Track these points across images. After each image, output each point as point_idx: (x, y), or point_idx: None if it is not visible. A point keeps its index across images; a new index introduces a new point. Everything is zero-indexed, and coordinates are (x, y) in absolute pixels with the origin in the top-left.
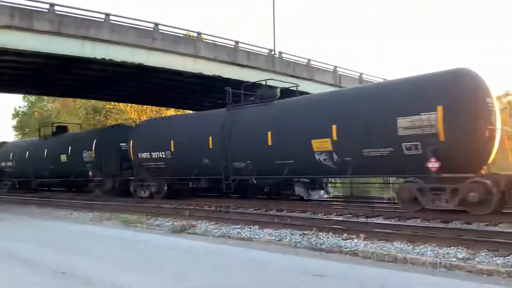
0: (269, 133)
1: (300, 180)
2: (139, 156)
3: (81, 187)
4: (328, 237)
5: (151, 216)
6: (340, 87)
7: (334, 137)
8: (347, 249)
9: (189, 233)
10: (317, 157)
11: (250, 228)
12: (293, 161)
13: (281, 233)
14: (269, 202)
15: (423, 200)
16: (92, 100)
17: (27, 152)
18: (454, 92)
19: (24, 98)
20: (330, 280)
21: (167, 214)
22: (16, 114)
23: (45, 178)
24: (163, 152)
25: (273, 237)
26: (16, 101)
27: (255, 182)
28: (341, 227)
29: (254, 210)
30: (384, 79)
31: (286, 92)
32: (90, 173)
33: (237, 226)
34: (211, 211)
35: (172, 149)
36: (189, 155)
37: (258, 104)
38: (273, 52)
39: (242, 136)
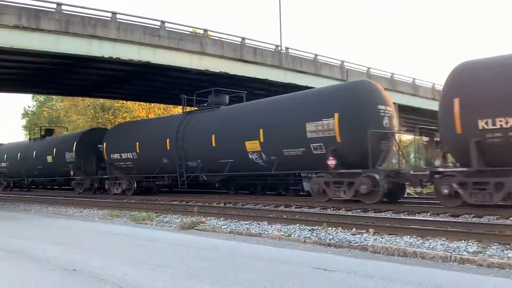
0: (213, 136)
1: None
2: (111, 156)
3: (65, 185)
4: (337, 232)
5: (160, 213)
6: (347, 81)
7: (261, 139)
8: (356, 244)
9: (198, 229)
10: (250, 156)
11: (259, 224)
12: (232, 160)
13: (290, 229)
14: (278, 198)
15: (329, 191)
16: (100, 99)
17: (19, 153)
18: (348, 101)
19: (33, 98)
20: (339, 274)
21: (177, 211)
22: (25, 114)
23: (35, 177)
24: (130, 153)
25: (282, 233)
26: (25, 101)
27: (205, 179)
28: (350, 222)
29: (263, 206)
30: (392, 73)
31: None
32: (72, 172)
33: (246, 222)
34: (220, 207)
35: (138, 151)
36: (152, 155)
37: (207, 110)
38: (279, 48)
39: (193, 138)
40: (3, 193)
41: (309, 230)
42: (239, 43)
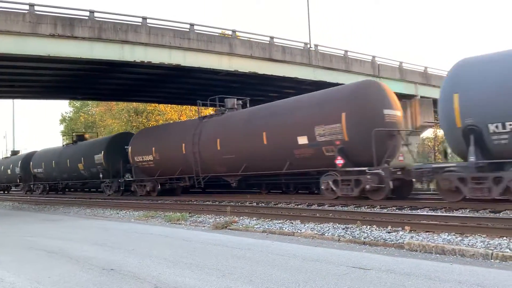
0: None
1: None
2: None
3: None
4: (371, 230)
5: (194, 213)
6: (380, 77)
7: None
8: (392, 242)
9: (231, 229)
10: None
11: (292, 223)
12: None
13: (323, 227)
14: (310, 197)
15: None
16: (134, 103)
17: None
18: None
19: (70, 104)
20: (375, 273)
21: (210, 210)
22: (63, 120)
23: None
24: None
25: (315, 231)
26: (62, 107)
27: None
28: (385, 219)
29: (296, 205)
30: (425, 67)
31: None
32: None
33: (279, 221)
34: (252, 206)
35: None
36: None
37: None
38: (308, 46)
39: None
40: (43, 197)
41: (343, 229)
42: (268, 42)
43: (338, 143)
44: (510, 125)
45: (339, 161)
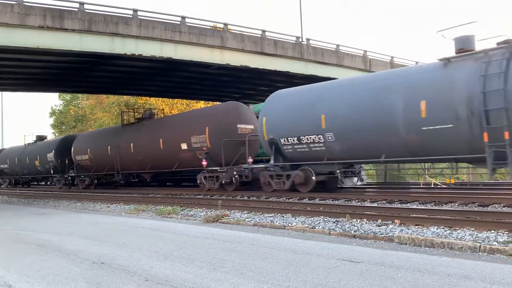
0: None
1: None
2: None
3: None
4: (362, 224)
5: (185, 207)
6: (371, 71)
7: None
8: (382, 235)
9: (222, 222)
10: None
11: (283, 216)
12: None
13: (314, 221)
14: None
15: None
16: (124, 96)
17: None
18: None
19: (59, 96)
20: (365, 266)
21: (201, 204)
22: (53, 113)
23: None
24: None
25: (306, 225)
26: (52, 100)
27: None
28: (375, 213)
29: (286, 199)
30: (417, 62)
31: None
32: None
33: (270, 215)
34: (243, 200)
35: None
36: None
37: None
38: (300, 40)
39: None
40: (33, 190)
41: (334, 222)
42: (260, 36)
43: (205, 149)
44: (290, 139)
45: (204, 162)
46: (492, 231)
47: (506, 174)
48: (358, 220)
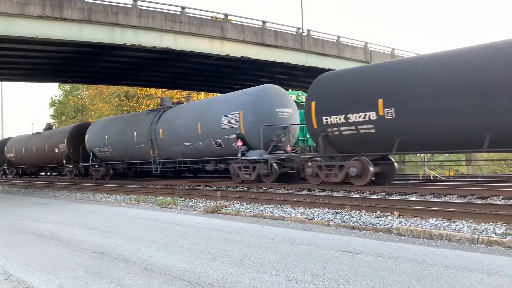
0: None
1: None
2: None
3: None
4: (360, 215)
5: (185, 197)
6: (372, 63)
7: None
8: (381, 227)
9: (222, 213)
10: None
11: (282, 207)
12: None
13: (313, 212)
14: (301, 183)
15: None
16: (124, 87)
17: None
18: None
19: (59, 87)
20: (363, 257)
21: (201, 195)
22: (52, 103)
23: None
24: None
25: (305, 216)
26: (52, 90)
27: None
28: (374, 204)
29: (286, 190)
30: (417, 54)
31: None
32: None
33: (269, 206)
34: (243, 191)
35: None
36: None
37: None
38: (301, 31)
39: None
40: (33, 180)
41: (333, 213)
42: (260, 27)
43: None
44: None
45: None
46: (491, 223)
47: (506, 167)
48: (357, 212)
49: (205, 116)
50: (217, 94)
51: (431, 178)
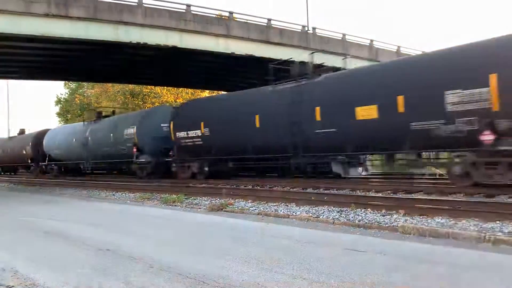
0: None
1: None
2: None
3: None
4: (366, 213)
5: (190, 195)
6: (377, 61)
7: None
8: (386, 225)
9: (226, 211)
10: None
11: (287, 205)
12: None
13: (318, 210)
14: (306, 180)
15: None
16: (130, 85)
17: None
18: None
19: (65, 85)
20: (369, 255)
21: (206, 193)
22: (58, 101)
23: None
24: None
25: (310, 214)
26: (58, 88)
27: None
28: (380, 203)
29: (291, 188)
30: (423, 52)
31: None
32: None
33: (274, 204)
34: (248, 189)
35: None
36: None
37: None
38: (306, 29)
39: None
40: (40, 179)
41: (338, 212)
42: (265, 24)
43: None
44: None
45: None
46: (497, 222)
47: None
48: (363, 210)
49: (115, 129)
50: (222, 92)
51: (437, 176)
